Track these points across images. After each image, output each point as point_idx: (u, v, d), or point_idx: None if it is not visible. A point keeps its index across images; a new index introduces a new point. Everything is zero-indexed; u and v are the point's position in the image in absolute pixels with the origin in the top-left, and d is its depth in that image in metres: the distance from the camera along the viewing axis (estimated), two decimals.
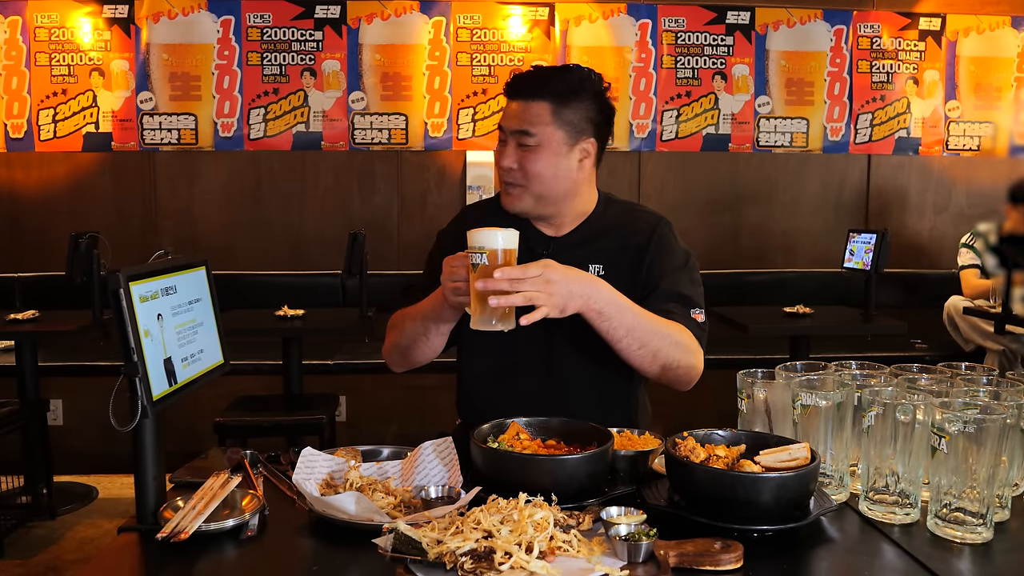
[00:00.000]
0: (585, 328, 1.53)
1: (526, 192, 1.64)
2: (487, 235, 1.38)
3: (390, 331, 1.73)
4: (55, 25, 4.55)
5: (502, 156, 1.64)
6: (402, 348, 1.69)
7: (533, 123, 1.61)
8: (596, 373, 1.69)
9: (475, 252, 1.37)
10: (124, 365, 1.19)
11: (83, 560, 3.11)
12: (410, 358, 1.71)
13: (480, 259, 1.36)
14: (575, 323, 1.54)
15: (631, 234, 1.72)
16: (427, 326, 1.61)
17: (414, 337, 1.64)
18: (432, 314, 1.59)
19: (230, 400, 3.53)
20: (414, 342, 1.65)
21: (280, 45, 4.64)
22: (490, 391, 1.72)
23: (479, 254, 1.37)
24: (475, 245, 1.38)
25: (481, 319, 1.39)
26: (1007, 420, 1.18)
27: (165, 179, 4.67)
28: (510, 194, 1.66)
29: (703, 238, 4.88)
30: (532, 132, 1.61)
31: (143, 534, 1.21)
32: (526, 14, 4.71)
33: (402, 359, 1.72)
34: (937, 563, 1.10)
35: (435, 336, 1.63)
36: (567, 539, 1.09)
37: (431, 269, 1.72)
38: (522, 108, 1.63)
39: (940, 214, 5.03)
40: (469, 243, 1.39)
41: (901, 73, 4.92)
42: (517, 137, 1.62)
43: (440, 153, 4.76)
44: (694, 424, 1.39)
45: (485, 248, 1.37)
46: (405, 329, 1.65)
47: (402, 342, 1.67)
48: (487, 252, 1.37)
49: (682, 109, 4.84)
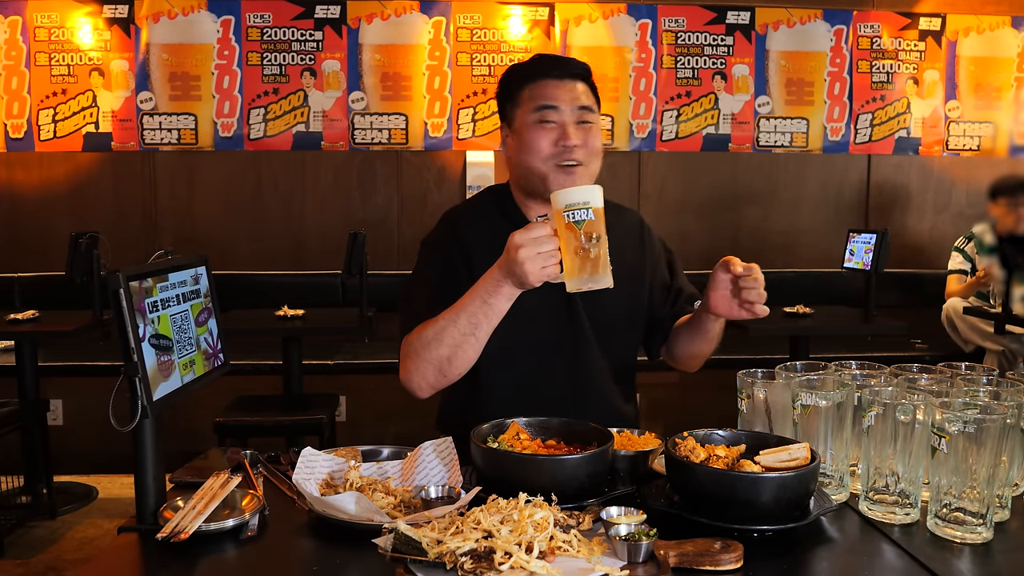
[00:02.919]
0: (611, 334, 1.67)
1: (586, 171, 1.62)
2: (588, 191, 1.34)
3: (414, 353, 1.56)
4: (55, 25, 4.55)
5: (564, 135, 1.59)
6: (442, 360, 1.53)
7: (588, 102, 1.64)
8: (614, 375, 1.75)
9: (579, 209, 1.32)
10: (124, 365, 1.19)
11: (83, 560, 3.11)
12: (452, 369, 1.54)
13: (587, 215, 1.32)
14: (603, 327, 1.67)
15: (626, 227, 1.79)
16: (477, 322, 1.47)
17: (459, 341, 1.50)
18: (483, 306, 1.46)
19: (230, 400, 3.53)
20: (459, 347, 1.50)
21: (280, 45, 4.64)
22: (510, 403, 1.60)
23: (584, 210, 1.32)
24: (579, 201, 1.33)
25: (580, 280, 1.34)
26: (1007, 420, 1.18)
27: (165, 179, 4.67)
28: (574, 174, 1.60)
29: (703, 238, 4.88)
30: (593, 110, 1.64)
31: (143, 534, 1.21)
32: (526, 14, 4.71)
33: (439, 375, 1.55)
34: (937, 563, 1.10)
35: (484, 334, 1.49)
36: (567, 539, 1.09)
37: (437, 277, 1.65)
38: (575, 86, 1.63)
39: (940, 214, 5.03)
40: (567, 202, 1.33)
41: (901, 73, 4.92)
42: (580, 114, 1.61)
43: (440, 153, 4.76)
44: (694, 424, 1.39)
45: (591, 204, 1.33)
46: (443, 338, 1.50)
47: (442, 352, 1.52)
48: (593, 208, 1.33)
49: (682, 109, 4.84)
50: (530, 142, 1.61)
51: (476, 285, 1.47)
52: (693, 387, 4.14)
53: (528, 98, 1.63)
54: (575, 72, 1.65)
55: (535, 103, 1.61)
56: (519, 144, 1.64)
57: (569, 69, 1.64)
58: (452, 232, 1.71)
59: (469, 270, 1.57)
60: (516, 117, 1.66)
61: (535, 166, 1.62)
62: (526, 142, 1.62)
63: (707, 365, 1.72)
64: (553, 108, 1.60)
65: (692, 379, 4.29)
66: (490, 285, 1.44)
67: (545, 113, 1.60)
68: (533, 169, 1.62)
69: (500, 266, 1.42)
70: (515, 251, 1.35)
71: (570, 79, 1.63)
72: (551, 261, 1.35)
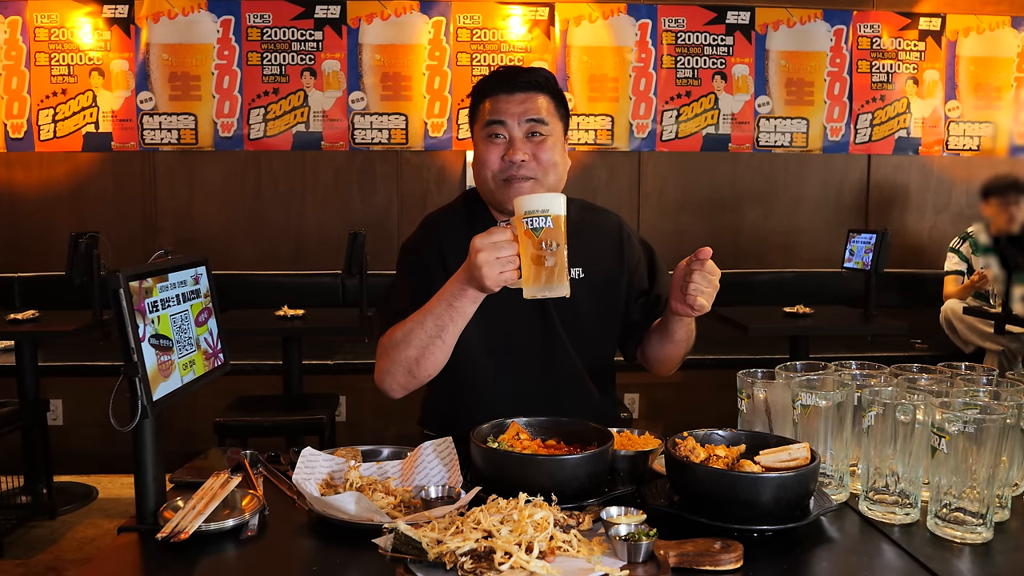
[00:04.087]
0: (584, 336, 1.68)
1: (539, 184, 1.63)
2: (548, 199, 1.36)
3: (385, 354, 1.60)
4: (55, 25, 4.55)
5: (511, 150, 1.62)
6: (411, 361, 1.56)
7: (543, 114, 1.64)
8: (590, 373, 1.76)
9: (537, 216, 1.34)
10: (124, 365, 1.19)
11: (83, 560, 3.11)
12: (421, 371, 1.58)
13: (545, 222, 1.33)
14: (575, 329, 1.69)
15: (604, 229, 1.80)
16: (443, 324, 1.51)
17: (426, 343, 1.54)
18: (449, 309, 1.49)
19: (230, 400, 3.53)
20: (426, 349, 1.54)
21: (280, 45, 4.64)
22: (488, 394, 1.69)
23: (542, 218, 1.33)
24: (537, 209, 1.34)
25: (535, 288, 1.36)
26: (1007, 420, 1.18)
27: (165, 179, 4.67)
28: (521, 191, 1.61)
29: (703, 238, 4.84)
30: (547, 122, 1.64)
31: (143, 534, 1.21)
32: (526, 14, 4.71)
33: (408, 376, 1.58)
34: (937, 563, 1.10)
35: (451, 336, 1.53)
36: (567, 539, 1.09)
37: (415, 280, 1.68)
38: (527, 99, 1.64)
39: (940, 214, 5.03)
40: (526, 208, 1.34)
41: (901, 73, 4.92)
42: (530, 126, 1.63)
43: (440, 153, 4.76)
44: (694, 424, 1.39)
45: (550, 212, 1.34)
46: (411, 340, 1.54)
47: (410, 354, 1.55)
48: (551, 216, 1.34)
49: (682, 109, 4.84)
50: (480, 156, 1.66)
51: (443, 288, 1.50)
52: (693, 387, 4.15)
53: (482, 113, 1.67)
54: (529, 85, 1.64)
55: (485, 118, 1.65)
56: (475, 157, 1.69)
57: (521, 83, 1.64)
58: (431, 236, 1.75)
59: (446, 274, 1.57)
60: (475, 131, 1.70)
61: (487, 180, 1.66)
62: (478, 156, 1.67)
63: (707, 365, 1.72)
64: (500, 123, 1.63)
65: (692, 379, 4.31)
66: (455, 288, 1.47)
67: (493, 128, 1.64)
68: (485, 182, 1.67)
69: (463, 270, 1.44)
70: (475, 255, 1.38)
71: (523, 92, 1.64)
72: (509, 267, 1.37)
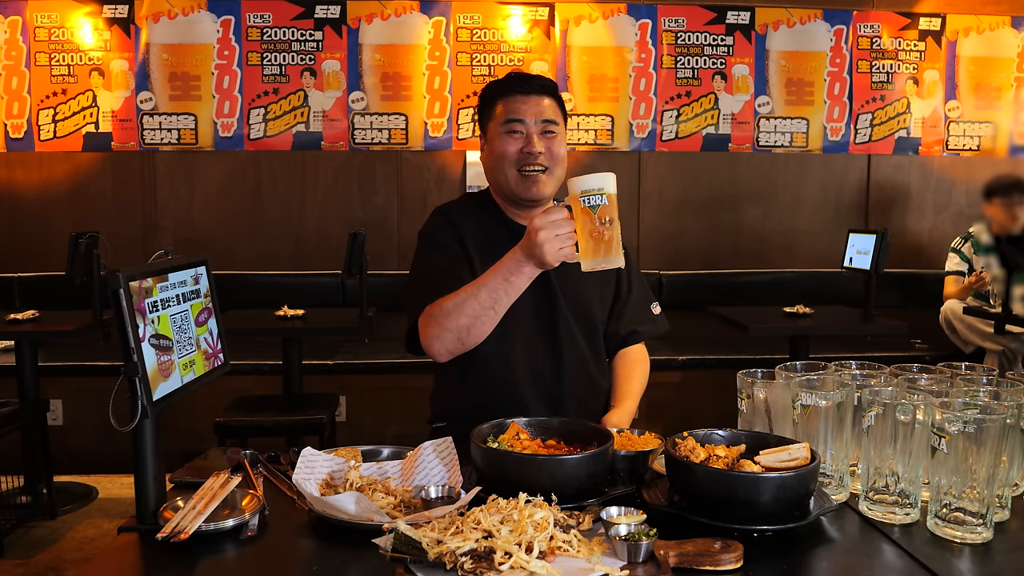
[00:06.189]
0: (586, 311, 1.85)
1: (551, 176, 1.81)
2: (602, 178, 1.47)
3: (435, 321, 1.69)
4: (55, 25, 4.55)
5: (529, 144, 1.78)
6: (462, 329, 1.66)
7: (553, 115, 1.82)
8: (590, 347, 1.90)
9: (594, 195, 1.45)
10: (124, 365, 1.19)
11: (83, 560, 3.11)
12: (470, 338, 1.67)
13: (601, 200, 1.45)
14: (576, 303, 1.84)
15: None
16: (497, 297, 1.61)
17: (479, 314, 1.63)
18: (504, 283, 1.59)
19: (230, 400, 3.53)
20: (478, 319, 1.64)
21: (280, 45, 4.64)
22: (497, 376, 1.81)
23: (598, 196, 1.45)
24: (594, 188, 1.46)
25: (594, 260, 1.47)
26: (1007, 420, 1.18)
27: (165, 179, 4.67)
28: (538, 180, 1.79)
29: (703, 238, 4.88)
30: (557, 122, 1.82)
31: (143, 534, 1.21)
32: (526, 14, 4.71)
33: (458, 343, 1.68)
34: (937, 563, 1.10)
35: (503, 308, 1.63)
36: (567, 539, 1.09)
37: (448, 253, 1.80)
38: (540, 101, 1.82)
39: (940, 214, 5.03)
40: (582, 188, 1.45)
41: (901, 73, 4.92)
42: (544, 126, 1.80)
43: (440, 153, 4.76)
44: (694, 424, 1.39)
45: (605, 190, 1.46)
46: (464, 310, 1.63)
47: (462, 323, 1.64)
48: (607, 194, 1.46)
49: (682, 109, 4.84)
50: (498, 149, 1.81)
51: (499, 263, 1.61)
52: (693, 387, 4.15)
53: (499, 112, 1.83)
54: (541, 88, 1.84)
55: (505, 116, 1.81)
56: (492, 152, 1.84)
57: (534, 86, 1.83)
58: (447, 220, 1.87)
59: (464, 254, 1.78)
60: (490, 129, 1.85)
61: (504, 170, 1.81)
62: (495, 149, 1.82)
63: (707, 365, 1.75)
64: (519, 121, 1.80)
65: (692, 379, 4.32)
66: (512, 264, 1.58)
67: (512, 125, 1.80)
68: (502, 173, 1.82)
69: (522, 247, 1.55)
70: (535, 233, 1.50)
71: (536, 95, 1.82)
72: (568, 243, 1.50)
